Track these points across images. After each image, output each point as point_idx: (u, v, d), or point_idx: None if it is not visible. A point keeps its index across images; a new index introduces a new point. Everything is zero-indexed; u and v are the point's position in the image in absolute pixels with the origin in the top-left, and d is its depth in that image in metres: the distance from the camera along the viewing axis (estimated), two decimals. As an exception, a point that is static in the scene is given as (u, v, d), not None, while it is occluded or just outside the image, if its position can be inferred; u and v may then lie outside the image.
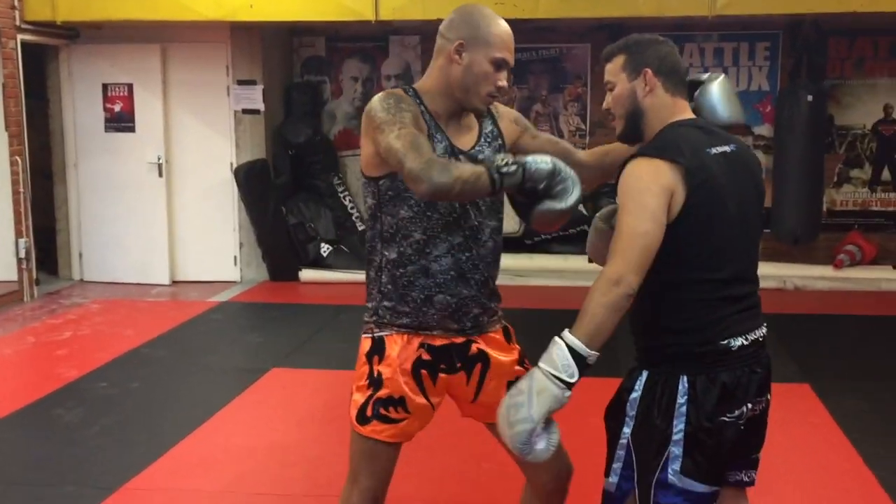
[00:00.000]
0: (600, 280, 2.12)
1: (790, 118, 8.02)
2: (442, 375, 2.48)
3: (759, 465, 2.49)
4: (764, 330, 2.32)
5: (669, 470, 2.21)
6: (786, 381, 5.19)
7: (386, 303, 2.46)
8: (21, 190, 7.70)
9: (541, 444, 2.14)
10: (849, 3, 7.07)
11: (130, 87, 8.35)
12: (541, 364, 2.12)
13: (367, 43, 8.85)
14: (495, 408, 2.22)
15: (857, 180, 8.54)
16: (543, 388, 2.09)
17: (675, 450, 2.21)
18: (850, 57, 8.41)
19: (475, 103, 2.43)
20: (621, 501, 2.30)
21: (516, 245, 8.15)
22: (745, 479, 2.45)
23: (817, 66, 8.29)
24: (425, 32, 8.56)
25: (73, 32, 8.29)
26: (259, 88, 8.33)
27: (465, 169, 2.20)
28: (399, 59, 8.79)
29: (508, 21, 2.48)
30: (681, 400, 2.20)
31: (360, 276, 9.01)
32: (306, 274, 8.31)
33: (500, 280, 2.60)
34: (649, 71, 2.29)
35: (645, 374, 2.28)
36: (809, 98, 7.93)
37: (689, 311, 2.23)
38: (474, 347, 2.50)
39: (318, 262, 8.41)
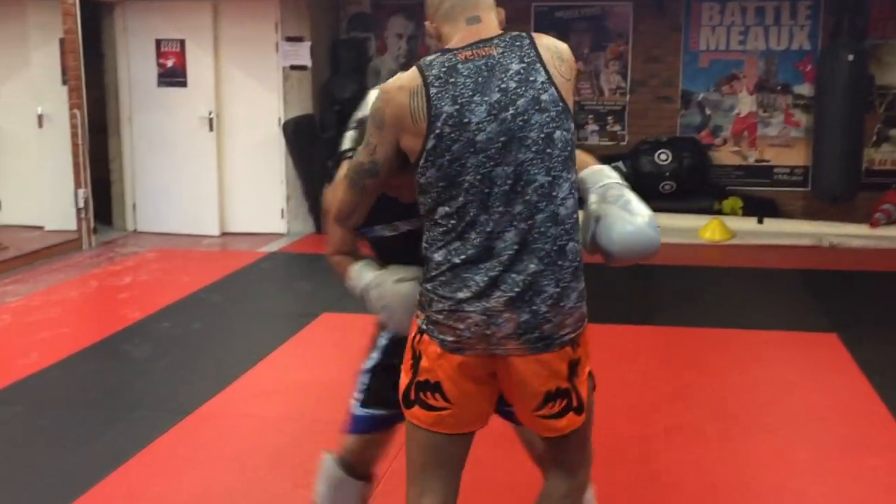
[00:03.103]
0: None
1: (831, 78, 8.12)
2: None
3: None
4: None
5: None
6: (814, 331, 5.42)
7: None
8: (79, 142, 8.00)
9: None
10: (891, -37, 7.13)
11: (183, 42, 8.60)
12: None
13: (411, 0, 9.03)
14: None
15: None
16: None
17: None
18: (892, 17, 8.44)
19: None
20: None
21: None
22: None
23: (858, 26, 8.34)
24: (470, -10, 8.71)
25: (128, -11, 8.55)
26: (307, 45, 8.55)
27: None
28: (443, 17, 8.94)
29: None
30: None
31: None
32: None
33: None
34: None
35: None
36: (850, 57, 8.01)
37: None
38: None
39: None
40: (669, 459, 3.73)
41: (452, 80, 2.08)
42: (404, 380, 2.23)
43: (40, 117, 8.46)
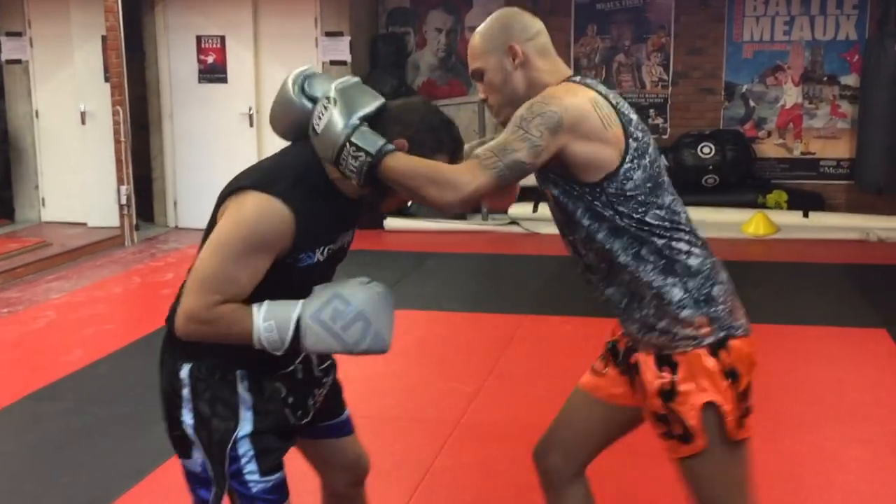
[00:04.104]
0: None
1: (877, 68, 7.98)
2: None
3: None
4: None
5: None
6: (862, 326, 5.33)
7: None
8: (122, 139, 8.07)
9: None
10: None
11: (223, 39, 8.65)
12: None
13: (451, -6, 9.01)
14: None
15: (945, 131, 8.43)
16: None
17: None
18: (941, 5, 8.27)
19: None
20: None
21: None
22: None
23: (907, 15, 8.19)
24: (509, -17, 8.68)
25: (169, -14, 8.61)
26: (346, 40, 8.55)
27: None
28: (483, 10, 8.90)
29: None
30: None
31: (443, 224, 9.27)
32: (391, 222, 8.56)
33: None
34: None
35: None
36: (897, 47, 7.87)
37: None
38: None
39: (403, 211, 8.64)
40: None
41: (612, 96, 2.14)
42: (727, 408, 2.08)
43: (83, 114, 8.54)
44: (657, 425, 2.17)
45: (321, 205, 2.06)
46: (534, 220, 8.22)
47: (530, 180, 2.19)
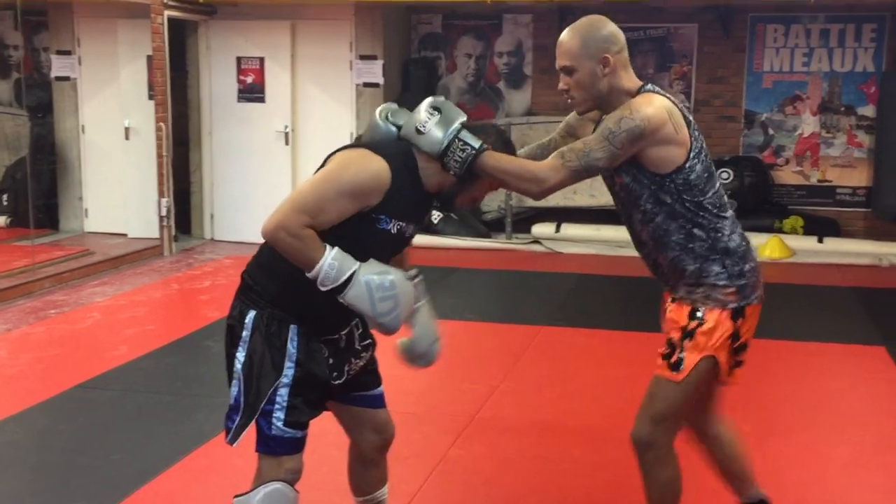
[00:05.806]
0: None
1: (894, 99, 8.21)
2: None
3: None
4: None
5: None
6: (864, 343, 5.57)
7: None
8: (164, 154, 8.46)
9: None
10: (954, -13, 7.22)
11: (262, 60, 9.03)
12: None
13: (481, 21, 9.35)
14: None
15: (960, 162, 8.63)
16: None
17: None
18: (957, 39, 8.51)
19: None
20: None
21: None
22: None
23: (923, 49, 8.43)
24: (538, 11, 9.00)
25: (212, 9, 9.01)
26: (379, 63, 8.91)
27: None
28: (512, 37, 9.25)
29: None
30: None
31: (468, 242, 9.52)
32: (417, 239, 8.76)
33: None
34: None
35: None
36: (913, 80, 8.10)
37: None
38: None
39: (429, 229, 8.95)
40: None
41: (677, 102, 2.61)
42: (722, 360, 2.68)
43: (127, 130, 8.94)
44: (664, 346, 2.70)
45: (410, 180, 2.48)
46: (556, 239, 8.50)
47: (553, 202, 2.56)
